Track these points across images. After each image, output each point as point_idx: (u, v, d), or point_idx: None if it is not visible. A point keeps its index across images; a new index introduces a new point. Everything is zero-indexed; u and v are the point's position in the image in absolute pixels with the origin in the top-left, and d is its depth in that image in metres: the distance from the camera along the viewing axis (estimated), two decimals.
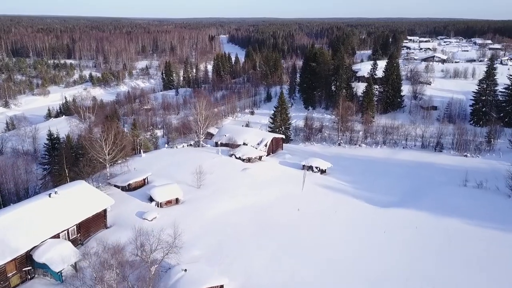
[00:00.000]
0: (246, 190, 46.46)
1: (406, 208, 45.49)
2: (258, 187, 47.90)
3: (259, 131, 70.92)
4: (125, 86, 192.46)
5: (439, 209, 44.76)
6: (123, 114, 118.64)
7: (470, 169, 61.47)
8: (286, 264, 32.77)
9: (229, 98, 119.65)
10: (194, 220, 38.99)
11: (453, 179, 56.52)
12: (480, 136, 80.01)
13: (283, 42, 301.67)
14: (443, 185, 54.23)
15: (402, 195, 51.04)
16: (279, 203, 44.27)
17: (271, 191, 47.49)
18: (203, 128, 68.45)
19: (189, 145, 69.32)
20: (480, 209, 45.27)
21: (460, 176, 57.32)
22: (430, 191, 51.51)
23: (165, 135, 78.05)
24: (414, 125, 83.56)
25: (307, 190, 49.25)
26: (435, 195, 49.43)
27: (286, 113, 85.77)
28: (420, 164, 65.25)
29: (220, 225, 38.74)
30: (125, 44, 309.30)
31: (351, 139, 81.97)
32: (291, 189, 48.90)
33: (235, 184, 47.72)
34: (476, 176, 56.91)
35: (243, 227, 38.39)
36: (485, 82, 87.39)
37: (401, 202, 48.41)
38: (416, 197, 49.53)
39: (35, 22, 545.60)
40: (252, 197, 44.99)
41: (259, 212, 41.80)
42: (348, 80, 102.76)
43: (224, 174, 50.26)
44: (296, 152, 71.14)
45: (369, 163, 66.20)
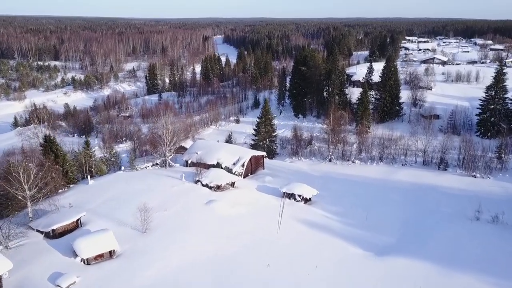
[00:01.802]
0: (206, 235, 36.96)
1: (406, 256, 36.10)
2: (223, 229, 38.41)
3: (236, 147, 61.46)
4: (109, 89, 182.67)
5: (448, 258, 35.45)
6: (98, 122, 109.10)
7: (481, 194, 52.41)
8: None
9: (213, 105, 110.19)
10: (129, 282, 29.58)
11: (462, 209, 47.26)
12: (489, 150, 71.00)
13: (277, 43, 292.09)
14: (450, 218, 44.91)
15: (401, 233, 41.68)
16: (247, 253, 34.82)
17: (239, 233, 38.02)
18: (170, 145, 58.91)
19: (154, 165, 59.82)
20: (499, 257, 35.99)
21: (470, 205, 48.21)
22: (435, 228, 42.15)
23: (134, 150, 68.43)
24: (414, 137, 74.28)
25: (284, 230, 39.84)
26: (442, 236, 40.08)
27: (271, 124, 76.40)
28: (422, 187, 55.89)
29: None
30: (114, 45, 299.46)
31: (344, 154, 72.62)
32: (264, 230, 39.47)
33: (193, 226, 38.22)
34: (489, 205, 47.78)
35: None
36: (494, 89, 78.10)
37: (400, 245, 39.02)
38: (418, 238, 40.16)
39: (29, 23, 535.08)
40: (212, 245, 35.50)
41: (219, 267, 32.38)
42: (341, 85, 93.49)
43: (182, 210, 40.78)
44: (279, 172, 61.73)
45: (363, 186, 56.78)
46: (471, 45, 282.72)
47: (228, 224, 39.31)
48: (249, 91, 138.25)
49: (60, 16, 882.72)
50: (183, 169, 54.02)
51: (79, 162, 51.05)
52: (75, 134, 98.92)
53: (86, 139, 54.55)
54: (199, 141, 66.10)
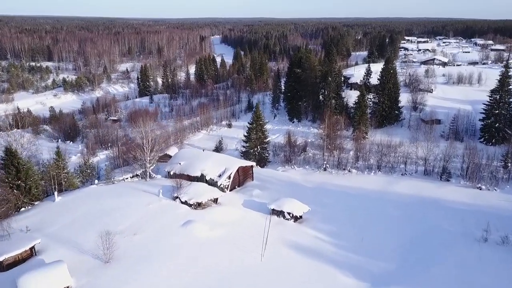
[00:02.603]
0: (179, 264, 32.45)
1: (406, 287, 31.68)
2: (200, 257, 33.92)
3: (223, 157, 56.99)
4: (101, 91, 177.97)
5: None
6: (85, 126, 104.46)
7: (487, 210, 48.11)
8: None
9: (205, 108, 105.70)
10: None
11: (468, 228, 42.94)
12: (494, 158, 66.62)
13: (275, 43, 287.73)
14: (456, 239, 40.50)
15: (401, 258, 37.21)
16: (226, 287, 30.31)
17: (218, 262, 33.52)
18: (151, 156, 54.45)
19: (134, 176, 55.38)
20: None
21: (476, 223, 43.95)
22: (439, 252, 37.75)
23: (115, 159, 63.92)
24: (414, 143, 69.89)
25: (269, 257, 35.39)
26: (447, 262, 35.69)
27: (262, 131, 71.89)
28: (423, 201, 51.48)
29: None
30: (109, 45, 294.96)
31: (339, 162, 68.16)
32: (247, 256, 35.00)
33: (165, 253, 33.70)
34: (497, 222, 43.59)
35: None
36: (498, 93, 73.72)
37: (400, 273, 34.59)
38: (420, 264, 35.73)
39: (27, 23, 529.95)
40: (186, 276, 31.01)
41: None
42: (337, 88, 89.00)
43: (155, 233, 36.30)
44: (270, 183, 57.31)
45: (359, 199, 52.38)
46: (471, 45, 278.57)
47: (206, 250, 34.84)
48: (243, 93, 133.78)
49: (59, 16, 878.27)
50: (164, 182, 49.54)
51: (49, 175, 46.56)
52: (59, 139, 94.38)
53: (57, 149, 49.86)
54: (183, 150, 61.66)
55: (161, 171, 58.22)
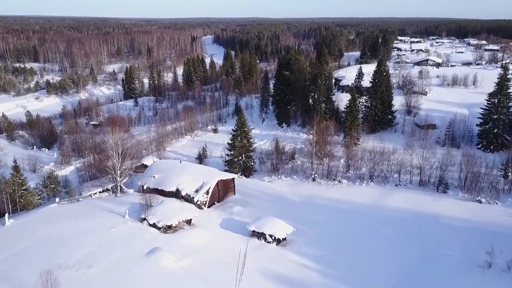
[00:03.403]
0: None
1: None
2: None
3: (201, 169, 52.28)
4: (86, 93, 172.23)
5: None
6: (64, 132, 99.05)
7: (489, 227, 44.06)
8: None
9: (190, 111, 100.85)
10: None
11: (470, 251, 38.81)
12: (493, 167, 62.64)
13: (266, 44, 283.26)
14: (456, 265, 36.26)
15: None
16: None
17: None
18: (122, 168, 49.63)
19: (104, 191, 50.53)
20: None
21: (478, 243, 39.83)
22: (438, 282, 33.38)
23: (87, 170, 58.87)
24: (409, 150, 65.62)
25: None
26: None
27: (247, 138, 67.31)
28: (419, 217, 47.25)
29: None
30: (98, 45, 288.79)
31: (329, 172, 63.74)
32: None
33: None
34: (500, 242, 39.60)
35: None
36: (497, 97, 69.77)
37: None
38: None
39: (17, 22, 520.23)
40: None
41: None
42: (328, 91, 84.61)
43: (113, 265, 31.52)
44: (253, 197, 52.73)
45: (350, 216, 48.01)
46: (464, 45, 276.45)
47: (171, 286, 30.11)
48: (232, 95, 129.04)
49: (51, 16, 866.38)
50: (135, 198, 44.60)
51: (2, 193, 41.54)
52: (35, 146, 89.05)
53: (14, 164, 44.80)
54: (159, 161, 56.81)
55: (135, 184, 53.40)
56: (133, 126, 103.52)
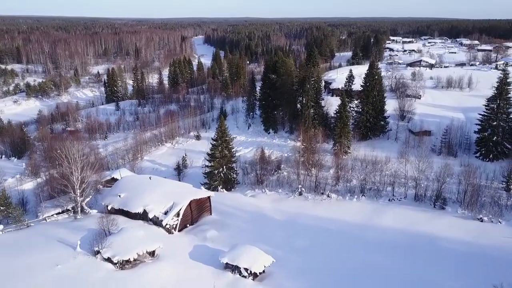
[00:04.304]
0: None
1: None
2: None
3: (173, 187, 46.75)
4: (68, 96, 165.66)
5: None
6: (38, 139, 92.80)
7: (494, 252, 39.36)
8: None
9: (171, 117, 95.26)
10: None
11: (472, 282, 33.84)
12: (494, 178, 58.08)
13: (257, 44, 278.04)
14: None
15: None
16: None
17: None
18: (82, 186, 44.02)
19: (64, 212, 44.88)
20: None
21: (483, 274, 34.99)
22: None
23: (50, 185, 52.92)
24: (403, 159, 60.77)
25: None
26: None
27: (229, 148, 62.01)
28: (416, 240, 42.28)
29: None
30: (84, 46, 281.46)
31: (317, 185, 58.62)
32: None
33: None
34: (508, 271, 34.63)
35: None
36: (496, 102, 65.21)
37: None
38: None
39: (5, 23, 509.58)
40: None
41: None
42: (317, 96, 79.56)
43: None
44: (231, 217, 47.43)
45: (338, 238, 42.98)
46: (457, 45, 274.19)
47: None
48: (218, 98, 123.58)
49: (42, 16, 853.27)
50: (94, 224, 38.96)
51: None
52: (3, 155, 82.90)
53: None
54: (126, 177, 51.19)
55: (98, 206, 47.79)
56: (111, 132, 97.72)
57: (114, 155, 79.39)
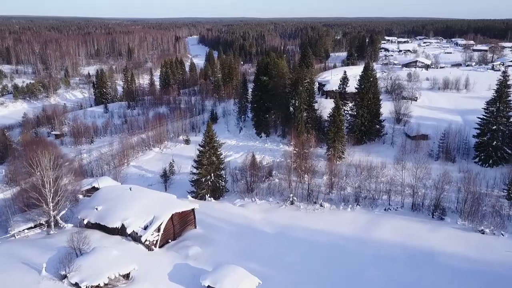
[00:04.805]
0: None
1: None
2: None
3: (154, 198, 43.57)
4: (57, 98, 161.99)
5: None
6: (20, 144, 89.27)
7: (498, 269, 36.88)
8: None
9: (159, 120, 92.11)
10: None
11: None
12: (494, 185, 55.57)
13: (251, 44, 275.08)
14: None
15: None
16: None
17: None
18: (56, 198, 40.86)
19: (37, 227, 41.67)
20: None
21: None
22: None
23: None
24: (399, 165, 58.05)
25: None
26: None
27: (217, 154, 58.98)
28: (413, 255, 39.49)
29: None
30: (75, 46, 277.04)
31: (310, 193, 55.75)
32: None
33: None
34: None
35: None
36: (495, 105, 62.67)
37: None
38: None
39: None
40: None
41: None
42: (310, 99, 76.74)
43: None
44: (217, 232, 44.38)
45: (331, 253, 40.08)
46: (452, 45, 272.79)
47: None
48: (210, 100, 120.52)
49: (36, 16, 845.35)
50: (66, 241, 35.77)
51: None
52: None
53: None
54: (106, 188, 48.00)
55: (74, 219, 44.57)
56: (98, 136, 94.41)
57: (99, 160, 76.16)
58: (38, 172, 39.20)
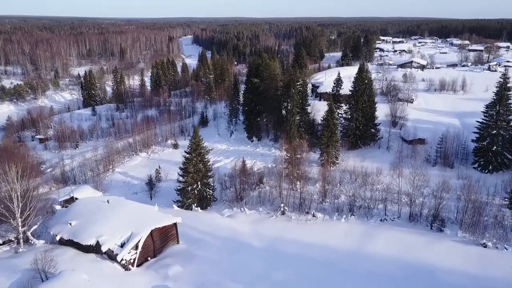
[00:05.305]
0: None
1: None
2: None
3: (134, 211, 40.46)
4: (46, 100, 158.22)
5: None
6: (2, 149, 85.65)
7: (500, 284, 33.99)
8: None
9: (147, 123, 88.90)
10: None
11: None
12: (495, 193, 53.00)
13: (245, 44, 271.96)
14: None
15: None
16: None
17: None
18: (25, 212, 37.66)
19: (6, 243, 38.45)
20: None
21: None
22: None
23: None
24: (395, 172, 55.22)
25: None
26: None
27: (203, 162, 55.93)
28: (412, 271, 36.75)
29: None
30: (67, 46, 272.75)
31: (302, 202, 52.86)
32: None
33: None
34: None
35: None
36: (495, 108, 60.11)
37: None
38: None
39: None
40: None
41: None
42: (302, 101, 73.87)
43: None
44: (202, 247, 41.40)
45: (324, 271, 37.23)
46: (447, 45, 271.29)
47: None
48: (201, 102, 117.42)
49: (29, 16, 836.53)
50: (27, 263, 32.63)
51: None
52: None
53: None
54: (82, 200, 44.82)
55: (46, 236, 41.33)
56: (84, 140, 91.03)
57: (82, 167, 72.87)
58: (4, 186, 35.93)
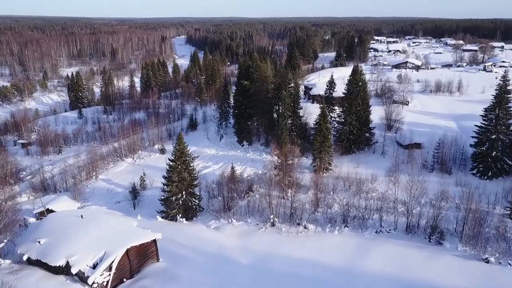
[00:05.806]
0: None
1: None
2: None
3: (110, 228, 37.26)
4: (33, 101, 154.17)
5: None
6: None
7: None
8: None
9: (135, 127, 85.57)
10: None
11: None
12: (496, 201, 50.43)
13: (238, 44, 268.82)
14: None
15: None
16: None
17: None
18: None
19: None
20: None
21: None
22: None
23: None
24: (391, 179, 52.40)
25: None
26: None
27: (189, 170, 52.78)
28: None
29: None
30: (57, 47, 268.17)
31: (293, 212, 49.96)
32: None
33: None
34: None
35: None
36: (494, 112, 57.56)
37: None
38: None
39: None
40: None
41: None
42: (294, 104, 70.96)
43: None
44: (183, 265, 38.34)
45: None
46: (442, 45, 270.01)
47: None
48: (191, 105, 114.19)
49: (23, 16, 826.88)
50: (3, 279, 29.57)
51: None
52: None
53: None
54: (54, 214, 41.52)
55: (14, 254, 38.01)
56: (68, 145, 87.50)
57: (64, 174, 69.40)
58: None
